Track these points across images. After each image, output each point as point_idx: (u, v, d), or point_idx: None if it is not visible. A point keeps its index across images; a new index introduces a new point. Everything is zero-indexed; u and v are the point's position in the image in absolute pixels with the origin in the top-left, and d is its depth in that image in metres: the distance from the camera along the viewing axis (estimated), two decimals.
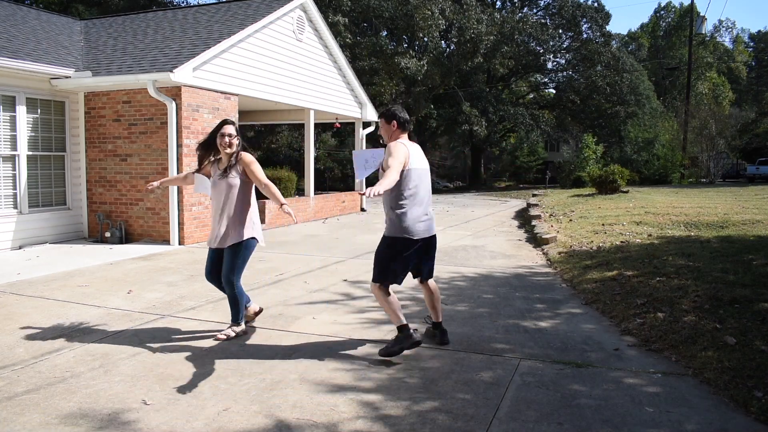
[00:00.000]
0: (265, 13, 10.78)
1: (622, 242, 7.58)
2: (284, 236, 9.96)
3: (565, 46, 34.94)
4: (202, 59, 8.87)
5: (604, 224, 9.29)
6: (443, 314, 4.35)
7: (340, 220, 12.80)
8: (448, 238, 9.52)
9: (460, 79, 31.12)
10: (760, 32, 62.86)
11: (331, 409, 3.04)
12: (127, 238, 9.09)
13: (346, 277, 6.42)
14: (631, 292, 5.10)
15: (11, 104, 8.28)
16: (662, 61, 46.94)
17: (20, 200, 8.42)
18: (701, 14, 46.48)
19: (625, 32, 61.28)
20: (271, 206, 11.01)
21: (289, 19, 11.51)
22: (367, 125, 15.53)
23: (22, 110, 8.38)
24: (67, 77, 8.75)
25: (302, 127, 15.89)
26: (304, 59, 12.13)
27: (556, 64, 36.22)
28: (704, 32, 39.00)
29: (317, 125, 17.50)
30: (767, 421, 2.85)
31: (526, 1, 35.73)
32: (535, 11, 35.59)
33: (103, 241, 9.03)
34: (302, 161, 15.20)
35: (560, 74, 36.32)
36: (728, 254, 6.01)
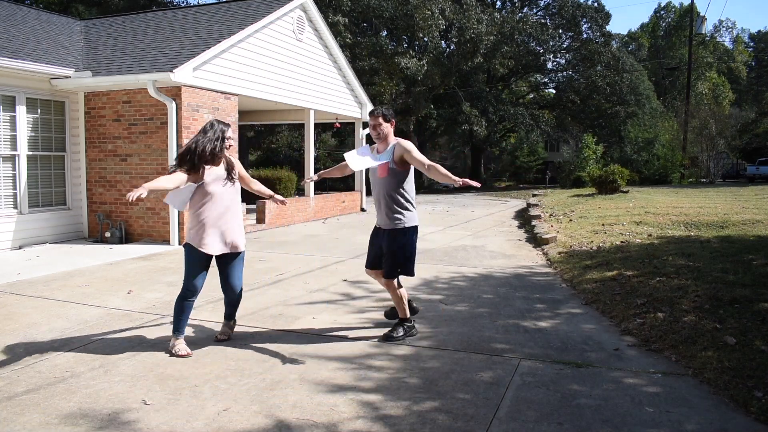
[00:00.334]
0: (265, 13, 10.78)
1: (622, 242, 7.58)
2: (284, 236, 9.96)
3: (565, 46, 34.94)
4: (202, 59, 8.87)
5: (604, 224, 9.29)
6: (443, 314, 4.37)
7: (340, 220, 12.80)
8: (448, 238, 9.52)
9: (460, 79, 31.12)
10: (760, 32, 62.87)
11: (331, 409, 3.05)
12: (127, 238, 9.09)
13: (346, 277, 6.42)
14: (631, 292, 5.10)
15: (11, 104, 8.28)
16: (662, 61, 46.94)
17: (20, 200, 8.42)
18: (701, 14, 46.52)
19: (625, 32, 61.32)
20: (271, 207, 11.01)
21: (289, 19, 11.51)
22: (367, 125, 15.52)
23: (22, 110, 8.38)
24: (67, 77, 8.75)
25: (302, 127, 15.89)
26: (304, 59, 12.13)
27: (556, 64, 36.23)
28: (704, 32, 39.01)
29: (317, 125, 17.51)
30: (767, 421, 2.85)
31: (526, 1, 35.73)
32: (535, 11, 35.58)
33: (103, 241, 9.03)
34: (302, 161, 15.20)
35: (560, 74, 36.32)
36: (728, 254, 6.01)
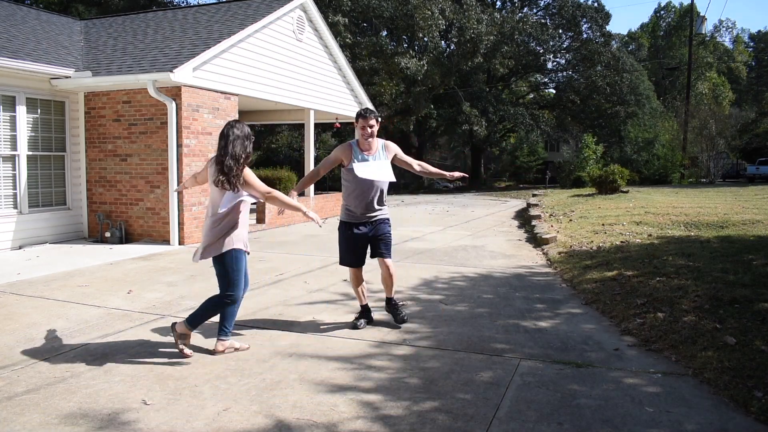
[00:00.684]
0: (265, 13, 10.78)
1: (622, 242, 7.58)
2: (284, 236, 9.96)
3: (565, 46, 34.97)
4: (202, 59, 8.87)
5: (604, 224, 9.29)
6: (443, 314, 4.33)
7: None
8: (448, 238, 9.52)
9: (460, 79, 31.13)
10: (760, 32, 62.89)
11: (331, 409, 3.04)
12: (127, 238, 9.09)
13: (346, 277, 6.40)
14: (631, 292, 5.10)
15: (11, 104, 8.28)
16: (662, 61, 46.96)
17: (20, 200, 8.42)
18: (701, 14, 46.52)
19: (625, 32, 61.38)
20: (271, 207, 11.01)
21: (289, 19, 11.51)
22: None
23: (22, 110, 8.38)
24: (67, 77, 8.75)
25: (302, 127, 15.88)
26: (304, 59, 12.13)
27: (556, 64, 36.27)
28: (704, 32, 39.02)
29: (317, 125, 17.49)
30: (767, 421, 2.85)
31: (526, 1, 35.75)
32: (535, 11, 35.62)
33: (103, 241, 9.03)
34: (302, 161, 15.20)
35: (560, 74, 36.36)
36: (728, 254, 6.00)
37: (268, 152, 30.09)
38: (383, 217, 4.48)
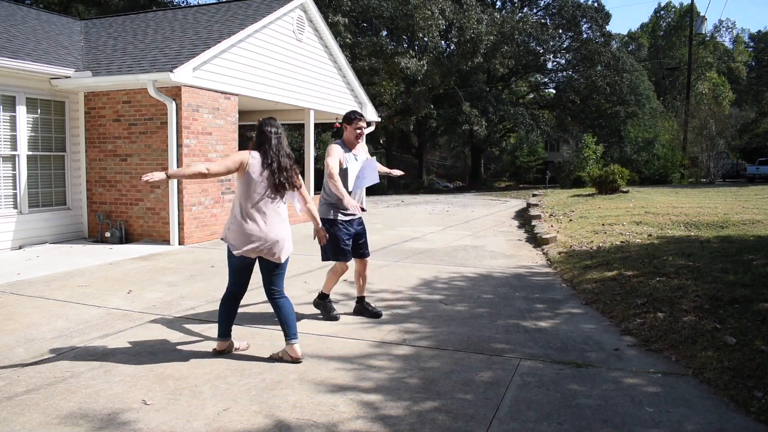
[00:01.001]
0: (265, 13, 10.78)
1: (622, 242, 7.58)
2: None
3: (565, 46, 34.97)
4: (202, 59, 8.87)
5: (604, 224, 9.29)
6: (443, 314, 4.34)
7: None
8: (448, 238, 9.52)
9: (460, 79, 31.12)
10: (760, 32, 62.90)
11: (331, 409, 3.05)
12: (127, 238, 9.09)
13: (345, 277, 6.40)
14: (631, 292, 5.10)
15: (11, 104, 8.28)
16: (662, 61, 46.96)
17: (20, 200, 8.42)
18: (701, 14, 46.53)
19: (625, 32, 61.39)
20: None
21: (289, 19, 11.51)
22: (367, 125, 15.50)
23: (22, 110, 8.38)
24: (67, 77, 8.75)
25: (302, 127, 15.86)
26: (304, 59, 12.13)
27: (556, 64, 36.28)
28: (704, 32, 39.02)
29: (317, 125, 17.49)
30: (767, 421, 2.85)
31: (526, 1, 35.76)
32: (535, 11, 35.62)
33: (103, 241, 9.03)
34: (302, 161, 15.18)
35: (560, 74, 36.36)
36: (728, 254, 6.00)
37: None
38: (360, 214, 4.68)
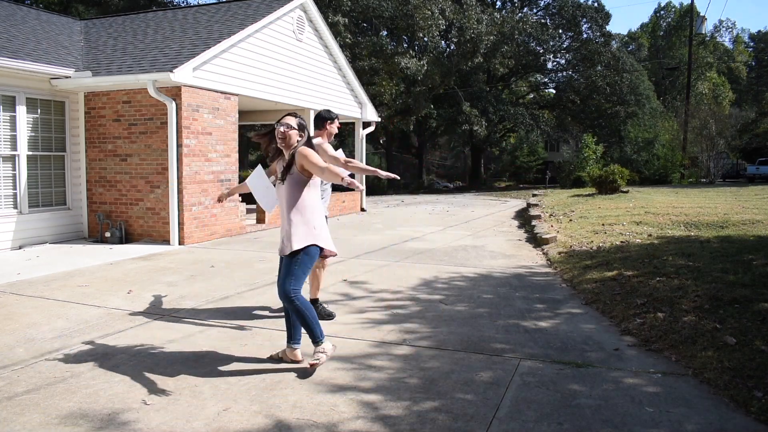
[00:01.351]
0: (265, 13, 10.78)
1: (622, 242, 7.58)
2: None
3: (565, 46, 34.96)
4: (202, 59, 8.87)
5: (604, 224, 9.29)
6: (443, 314, 4.34)
7: (340, 219, 12.79)
8: (448, 238, 9.52)
9: (460, 79, 31.12)
10: (760, 32, 62.88)
11: (331, 409, 3.05)
12: (127, 238, 9.09)
13: (345, 277, 6.42)
14: (631, 292, 5.10)
15: (11, 104, 8.28)
16: (662, 61, 46.95)
17: (20, 200, 8.42)
18: (701, 14, 46.54)
19: (625, 32, 61.40)
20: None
21: (289, 19, 11.51)
22: (367, 125, 15.52)
23: (22, 110, 8.38)
24: (67, 77, 8.75)
25: None
26: (304, 59, 12.13)
27: (556, 64, 36.27)
28: (704, 32, 39.01)
29: None
30: (767, 421, 2.85)
31: (526, 1, 35.76)
32: (535, 11, 35.61)
33: (103, 241, 9.03)
34: None
35: (560, 74, 36.35)
36: (728, 254, 6.00)
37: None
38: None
